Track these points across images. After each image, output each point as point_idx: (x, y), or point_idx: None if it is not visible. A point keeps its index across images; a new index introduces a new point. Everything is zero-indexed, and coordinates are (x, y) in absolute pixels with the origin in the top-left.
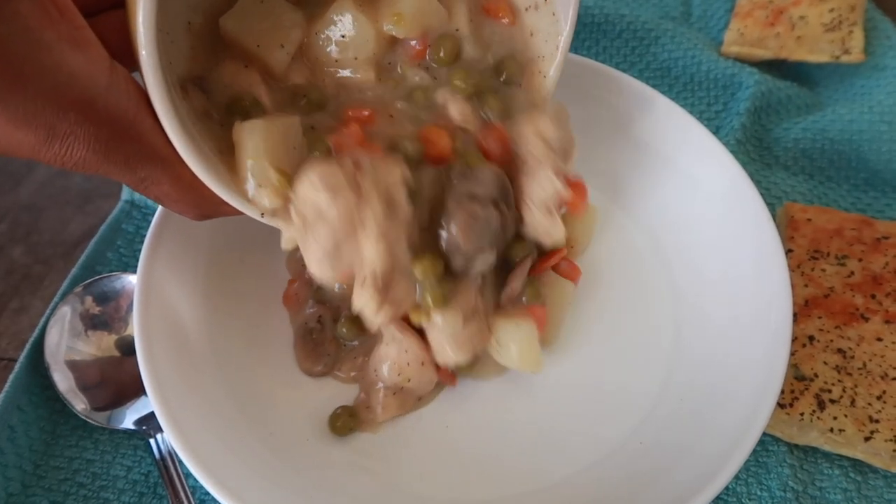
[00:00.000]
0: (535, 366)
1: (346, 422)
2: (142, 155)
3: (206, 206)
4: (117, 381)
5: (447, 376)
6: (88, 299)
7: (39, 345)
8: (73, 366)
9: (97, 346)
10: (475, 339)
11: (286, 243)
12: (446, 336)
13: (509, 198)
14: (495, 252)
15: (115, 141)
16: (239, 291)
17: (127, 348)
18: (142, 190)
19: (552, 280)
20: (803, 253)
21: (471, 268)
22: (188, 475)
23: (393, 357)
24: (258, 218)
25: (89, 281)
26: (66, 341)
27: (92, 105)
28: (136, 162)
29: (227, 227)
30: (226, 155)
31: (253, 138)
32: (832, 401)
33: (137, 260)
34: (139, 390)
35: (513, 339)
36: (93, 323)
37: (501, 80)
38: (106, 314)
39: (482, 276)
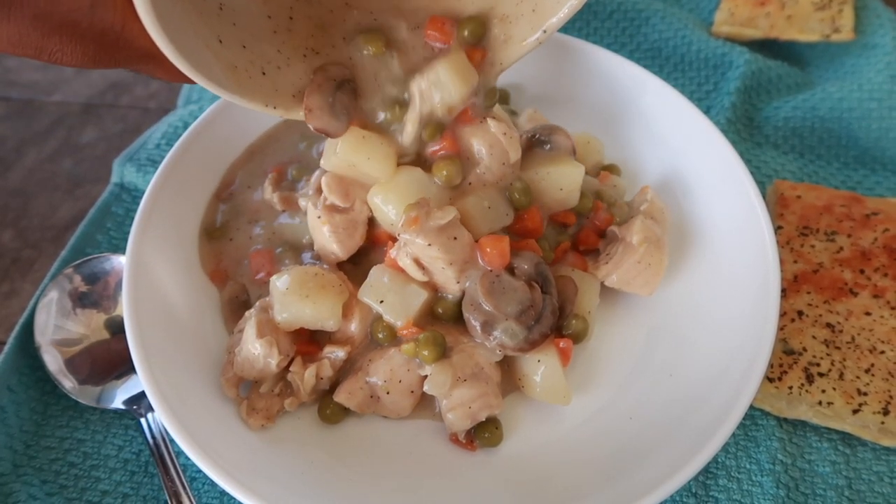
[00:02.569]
0: (563, 398)
1: (335, 411)
2: (132, 58)
3: None
4: (106, 360)
5: (464, 445)
6: (77, 279)
7: (29, 326)
8: (62, 345)
9: (86, 325)
10: (475, 405)
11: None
12: (433, 389)
13: (548, 285)
14: (524, 332)
15: (103, 52)
16: None
17: (116, 327)
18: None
19: (578, 277)
20: (793, 229)
21: (490, 332)
22: (179, 453)
23: (395, 365)
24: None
25: (78, 262)
26: (55, 321)
27: (76, 27)
28: (127, 63)
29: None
30: (226, 44)
31: None
32: (821, 374)
33: (127, 242)
34: (128, 370)
35: (537, 372)
36: (81, 302)
37: None
38: (95, 293)
39: (502, 348)
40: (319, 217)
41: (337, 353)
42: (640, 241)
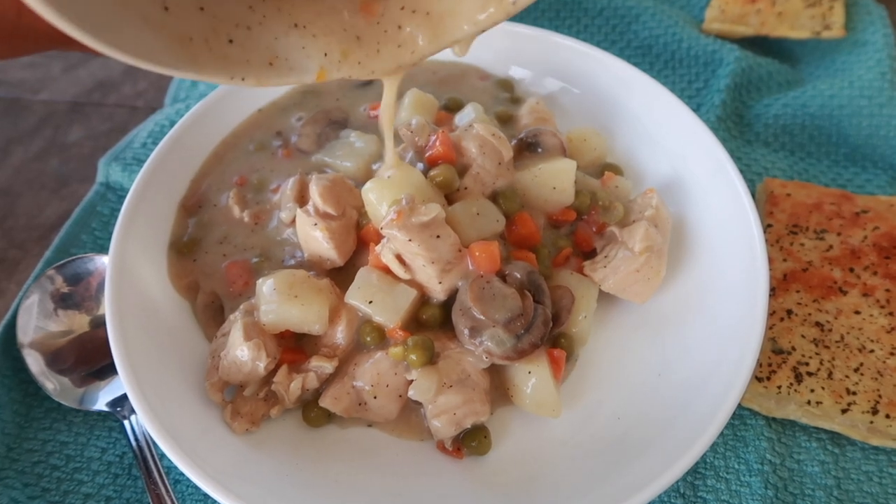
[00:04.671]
0: (552, 412)
1: (319, 414)
2: (43, 44)
3: None
4: (89, 361)
5: (451, 452)
6: (59, 280)
7: (11, 328)
8: (44, 347)
9: (68, 325)
10: (460, 411)
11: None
12: (418, 394)
13: (541, 294)
14: (512, 340)
15: (8, 44)
16: None
17: (98, 327)
18: None
19: (576, 281)
20: (782, 228)
21: (477, 338)
22: (163, 456)
23: (382, 369)
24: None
25: (61, 262)
26: (37, 322)
27: None
28: (41, 49)
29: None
30: (175, 11)
31: None
32: (810, 373)
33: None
34: (111, 371)
35: (527, 383)
36: (64, 303)
37: None
38: (77, 294)
39: (489, 355)
40: (316, 224)
41: (324, 367)
42: (643, 250)
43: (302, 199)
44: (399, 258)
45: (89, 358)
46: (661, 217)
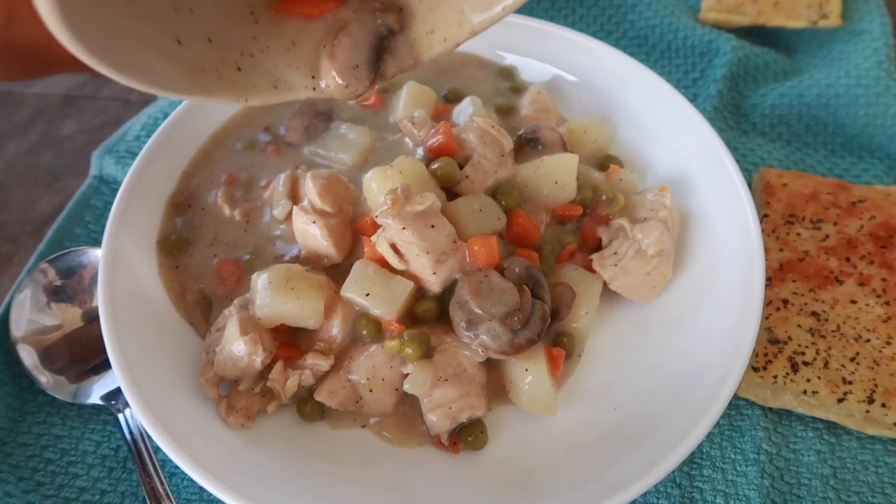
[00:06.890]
0: (549, 409)
1: (314, 409)
2: (67, 67)
3: None
4: (82, 355)
5: (447, 447)
6: (52, 273)
7: (5, 322)
8: (38, 341)
9: (62, 318)
10: (456, 405)
11: None
12: (413, 388)
13: (540, 290)
14: (508, 335)
15: (30, 66)
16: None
17: (91, 317)
18: None
19: (581, 277)
20: (779, 217)
21: (473, 332)
22: (157, 450)
23: (377, 362)
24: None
25: (54, 256)
26: (30, 316)
27: None
28: (64, 70)
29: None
30: (188, 44)
31: None
32: (806, 363)
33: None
34: (105, 362)
35: (524, 381)
36: (57, 296)
37: None
38: (70, 287)
39: (484, 349)
40: (315, 222)
41: (320, 364)
42: (655, 254)
43: (294, 194)
44: (394, 247)
45: (83, 352)
46: (673, 218)
